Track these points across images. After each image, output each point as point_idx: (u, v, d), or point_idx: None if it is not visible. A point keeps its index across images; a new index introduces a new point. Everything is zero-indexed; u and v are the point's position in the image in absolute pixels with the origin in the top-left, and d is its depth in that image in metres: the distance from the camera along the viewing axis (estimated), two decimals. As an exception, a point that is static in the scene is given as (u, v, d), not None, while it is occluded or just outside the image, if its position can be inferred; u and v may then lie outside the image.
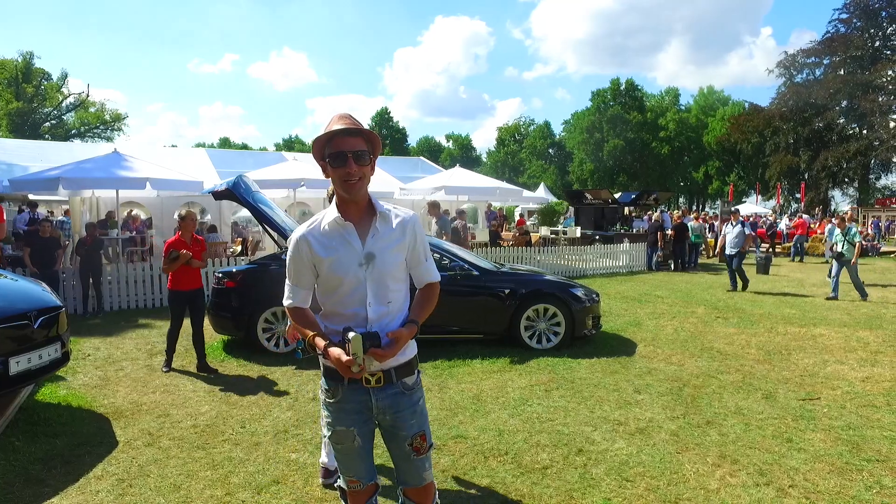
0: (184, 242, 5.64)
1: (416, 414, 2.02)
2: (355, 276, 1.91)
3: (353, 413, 1.98)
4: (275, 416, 4.47)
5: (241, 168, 13.90)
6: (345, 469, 2.05)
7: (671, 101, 58.74)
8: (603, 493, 3.22)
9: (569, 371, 5.60)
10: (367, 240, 1.93)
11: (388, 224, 1.96)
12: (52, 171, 10.61)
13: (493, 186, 15.20)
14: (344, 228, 1.92)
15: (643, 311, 8.92)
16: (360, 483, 2.05)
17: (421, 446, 2.02)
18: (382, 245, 1.94)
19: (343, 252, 1.91)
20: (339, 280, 1.92)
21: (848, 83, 35.01)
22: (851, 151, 34.69)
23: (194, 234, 5.76)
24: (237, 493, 3.25)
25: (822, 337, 7.14)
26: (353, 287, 1.91)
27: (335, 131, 1.86)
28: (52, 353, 4.28)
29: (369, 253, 1.92)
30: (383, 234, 1.95)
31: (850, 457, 3.66)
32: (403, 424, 2.00)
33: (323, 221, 1.96)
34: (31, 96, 39.63)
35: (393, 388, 1.98)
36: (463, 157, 64.66)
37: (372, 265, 1.91)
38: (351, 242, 1.92)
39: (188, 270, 5.67)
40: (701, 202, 57.62)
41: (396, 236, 1.97)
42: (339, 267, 1.91)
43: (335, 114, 1.95)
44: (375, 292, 1.92)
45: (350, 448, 2.00)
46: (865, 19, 35.90)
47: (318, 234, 1.95)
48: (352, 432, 1.98)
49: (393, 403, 1.98)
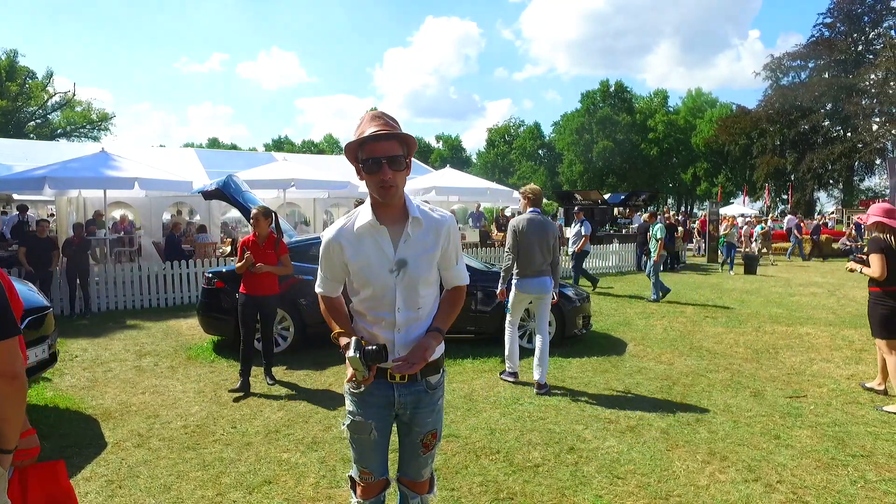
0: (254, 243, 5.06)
1: (434, 412, 2.03)
2: (385, 282, 1.87)
3: (375, 406, 1.97)
4: (266, 416, 4.45)
5: (230, 168, 13.80)
6: (359, 459, 2.06)
7: (660, 102, 59.19)
8: (594, 490, 3.24)
9: (559, 370, 5.63)
10: (400, 245, 1.87)
11: (421, 228, 1.90)
12: (38, 171, 10.46)
13: (483, 187, 15.24)
14: (377, 232, 1.87)
15: (633, 311, 8.99)
16: (373, 476, 2.06)
17: (430, 443, 2.05)
18: (415, 251, 1.89)
19: (374, 257, 1.87)
20: (369, 284, 1.88)
21: (832, 86, 35.53)
22: (836, 153, 35.21)
23: (272, 233, 5.14)
24: (228, 493, 3.24)
25: (808, 336, 7.24)
26: (383, 292, 1.88)
27: (368, 137, 1.78)
28: (39, 354, 4.23)
29: (401, 259, 1.87)
30: (416, 239, 1.89)
31: (835, 452, 3.72)
32: (420, 422, 2.01)
33: (356, 223, 1.90)
34: (15, 95, 39.00)
35: (417, 385, 1.97)
36: (453, 157, 64.68)
37: (404, 272, 1.87)
38: (383, 247, 1.87)
39: (260, 274, 5.04)
40: (689, 203, 58.14)
41: (431, 242, 1.92)
42: (370, 272, 1.87)
43: (368, 112, 1.87)
44: (405, 298, 1.89)
45: (366, 440, 2.00)
46: (849, 24, 36.47)
47: (350, 237, 1.89)
48: (370, 425, 1.97)
49: (414, 400, 1.98)
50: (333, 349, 1.97)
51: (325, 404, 4.70)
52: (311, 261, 5.89)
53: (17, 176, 11.04)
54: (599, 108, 56.48)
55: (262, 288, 5.11)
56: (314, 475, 3.43)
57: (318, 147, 73.55)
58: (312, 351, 6.20)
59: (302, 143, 76.77)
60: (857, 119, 35.24)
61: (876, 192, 38.63)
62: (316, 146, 74.47)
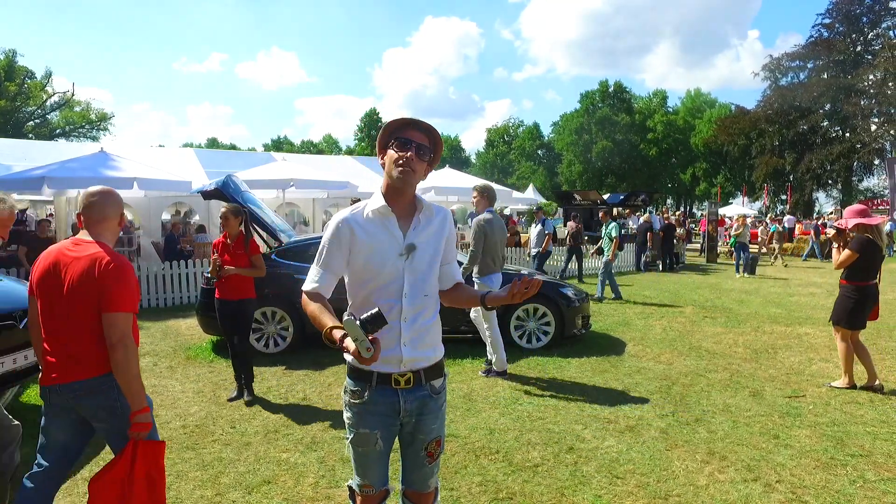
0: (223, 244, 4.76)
1: (438, 419, 2.01)
2: (394, 267, 1.88)
3: (379, 415, 1.92)
4: (265, 416, 4.45)
5: (229, 168, 13.77)
6: (361, 472, 2.00)
7: (659, 103, 59.27)
8: (593, 490, 3.24)
9: (559, 370, 5.63)
10: (410, 231, 1.91)
11: (430, 217, 1.97)
12: (37, 171, 10.43)
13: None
14: (387, 218, 1.90)
15: (632, 311, 8.99)
16: (373, 489, 2.01)
17: (435, 451, 2.01)
18: (425, 237, 1.93)
19: (384, 240, 1.89)
20: (377, 270, 1.88)
21: (831, 87, 35.59)
22: (835, 154, 35.27)
23: (242, 232, 4.80)
24: (227, 493, 3.23)
25: (807, 336, 7.25)
26: (391, 278, 1.88)
27: (412, 121, 1.90)
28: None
29: (411, 244, 1.89)
30: (426, 225, 1.94)
31: (834, 452, 3.72)
32: (425, 429, 1.97)
33: (366, 209, 1.93)
34: (14, 95, 38.94)
35: (422, 390, 1.95)
36: (452, 158, 64.71)
37: (412, 256, 1.89)
38: (392, 232, 1.90)
39: (231, 277, 4.70)
40: (688, 203, 58.18)
41: (437, 228, 1.97)
42: (378, 255, 1.88)
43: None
44: (413, 283, 1.90)
45: (371, 451, 1.94)
46: (847, 24, 36.52)
47: (362, 220, 1.91)
48: (375, 435, 1.92)
49: (419, 406, 1.94)
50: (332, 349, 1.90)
51: (325, 404, 4.70)
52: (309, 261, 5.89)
53: (16, 176, 11.01)
54: (599, 108, 56.56)
55: (236, 292, 4.71)
56: (313, 475, 3.42)
57: (318, 147, 73.59)
58: (312, 351, 6.19)
59: (301, 143, 76.81)
60: (856, 119, 35.32)
61: (875, 192, 38.70)
62: (315, 146, 74.50)
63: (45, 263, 2.29)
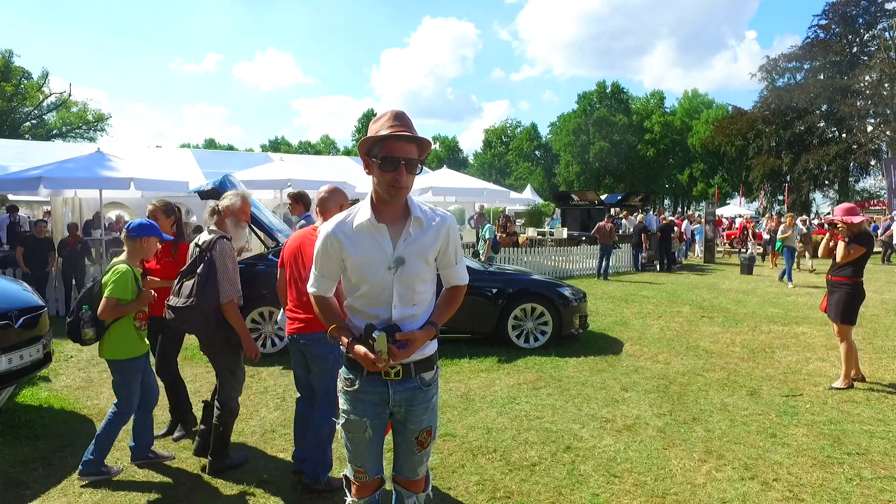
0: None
1: (428, 410, 2.03)
2: (382, 279, 1.87)
3: (369, 404, 1.97)
4: (262, 415, 4.44)
5: (227, 169, 13.80)
6: (353, 458, 2.05)
7: (656, 103, 59.42)
8: (591, 489, 3.24)
9: (556, 369, 5.63)
10: (399, 243, 1.88)
11: (421, 228, 1.91)
12: (34, 171, 10.39)
13: (480, 188, 15.25)
14: (376, 230, 1.87)
15: (629, 311, 9.00)
16: (367, 475, 2.06)
17: (425, 441, 2.05)
18: (414, 249, 1.89)
19: (373, 254, 1.87)
20: (366, 281, 1.88)
21: (828, 88, 35.72)
22: (832, 154, 35.38)
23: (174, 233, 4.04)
24: (225, 492, 3.22)
25: (804, 335, 7.27)
26: (380, 289, 1.88)
27: (391, 136, 1.78)
28: (33, 354, 4.20)
29: (399, 257, 1.87)
30: (416, 238, 1.90)
31: (831, 450, 3.73)
32: (415, 419, 2.00)
33: (355, 220, 1.90)
34: (11, 95, 38.83)
35: (411, 382, 1.97)
36: (450, 158, 64.77)
37: (401, 269, 1.87)
38: (382, 245, 1.87)
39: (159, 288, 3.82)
40: (685, 204, 58.31)
41: (429, 240, 1.92)
42: (367, 268, 1.87)
43: (390, 110, 1.86)
44: (402, 295, 1.89)
45: (361, 438, 2.00)
46: (844, 25, 36.67)
47: (349, 232, 1.89)
48: (364, 423, 1.97)
49: (409, 397, 1.97)
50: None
51: (322, 404, 4.69)
52: (307, 260, 5.87)
53: (13, 176, 10.98)
54: (596, 108, 56.69)
55: (160, 305, 3.58)
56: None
57: (315, 148, 73.51)
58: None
59: (299, 143, 76.74)
60: (853, 120, 35.46)
61: (871, 192, 38.84)
62: (313, 147, 74.42)
63: (293, 245, 3.27)
